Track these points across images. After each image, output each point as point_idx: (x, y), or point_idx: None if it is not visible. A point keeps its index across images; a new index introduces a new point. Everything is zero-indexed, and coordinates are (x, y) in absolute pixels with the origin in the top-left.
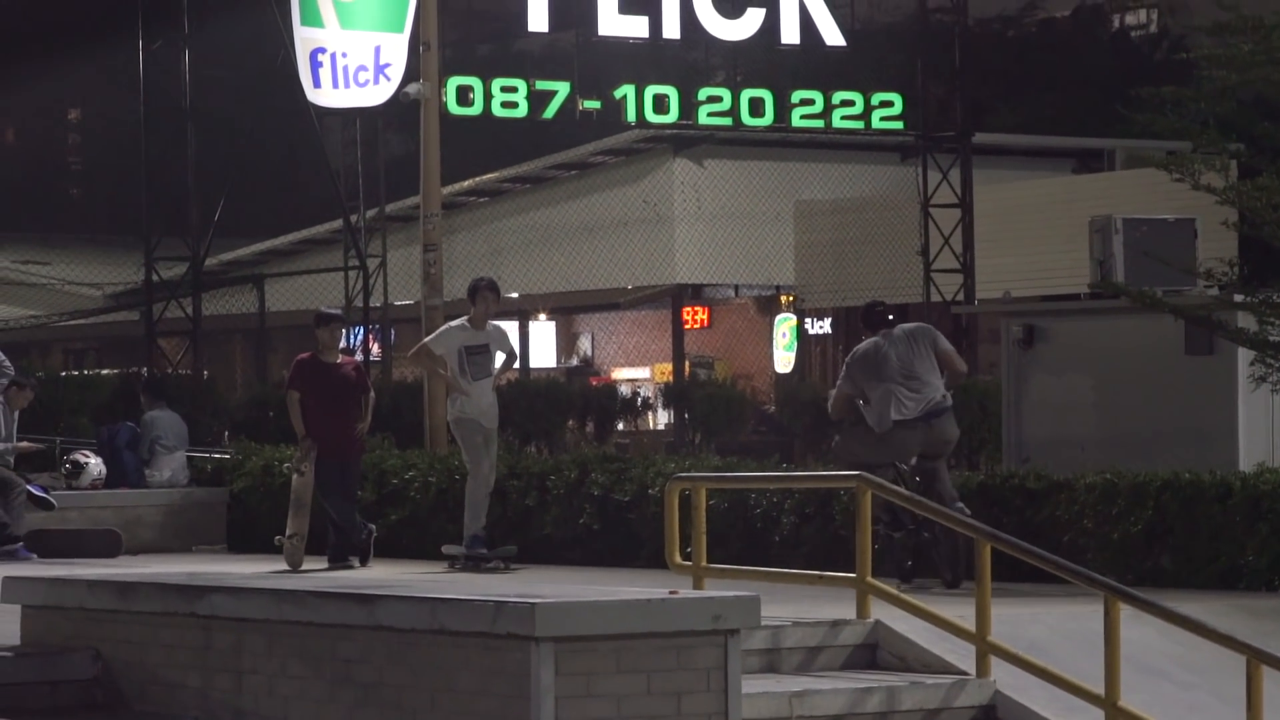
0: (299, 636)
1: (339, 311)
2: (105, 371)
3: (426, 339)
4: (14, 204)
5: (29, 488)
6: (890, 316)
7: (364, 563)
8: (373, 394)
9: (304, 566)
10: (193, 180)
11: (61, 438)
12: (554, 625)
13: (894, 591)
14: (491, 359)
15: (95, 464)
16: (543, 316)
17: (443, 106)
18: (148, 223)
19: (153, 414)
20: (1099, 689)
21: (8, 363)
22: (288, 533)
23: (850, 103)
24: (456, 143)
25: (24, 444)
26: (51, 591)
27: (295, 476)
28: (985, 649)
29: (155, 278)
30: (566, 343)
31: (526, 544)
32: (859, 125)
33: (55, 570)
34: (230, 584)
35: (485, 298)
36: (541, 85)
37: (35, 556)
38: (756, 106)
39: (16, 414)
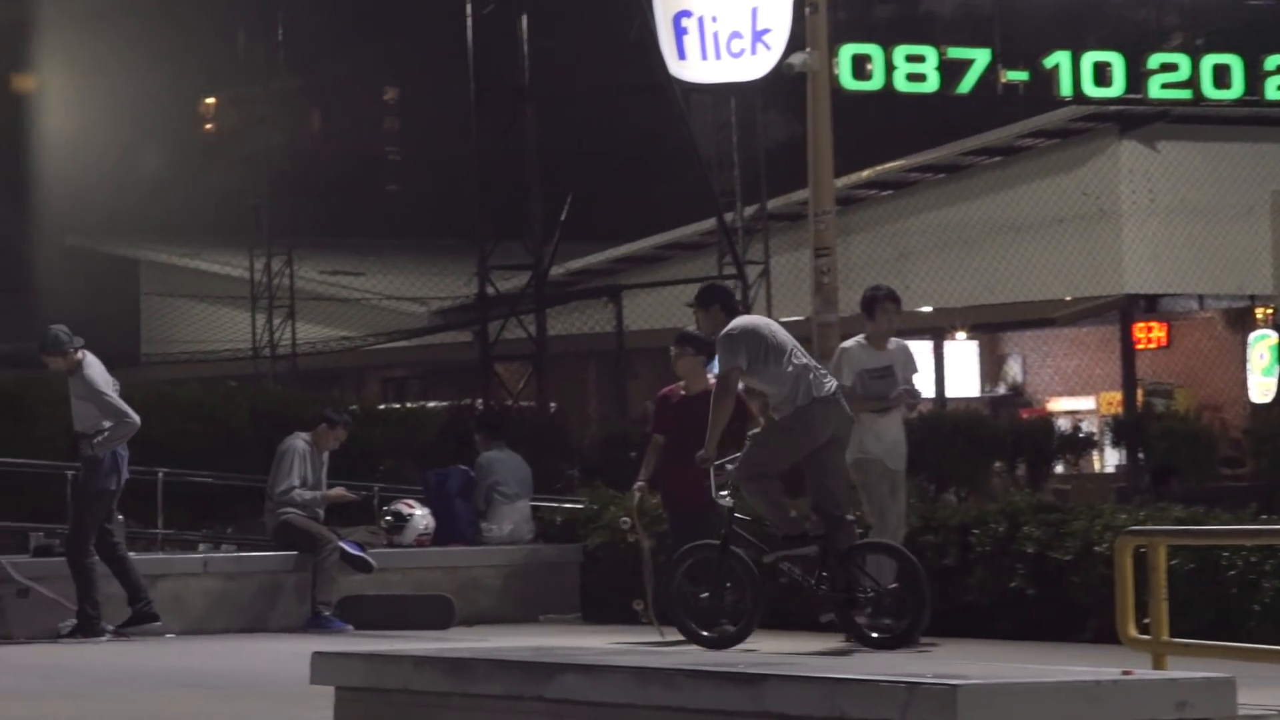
0: None
1: (706, 334)
2: (432, 404)
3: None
4: (322, 204)
5: (342, 545)
6: None
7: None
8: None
9: (670, 638)
10: (534, 173)
11: (381, 485)
12: (980, 712)
13: None
14: (895, 384)
15: (421, 516)
16: (961, 335)
17: (835, 80)
18: (480, 225)
19: (489, 455)
20: None
21: None
22: (650, 598)
23: None
24: (852, 125)
25: (335, 492)
26: (371, 671)
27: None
28: None
29: (491, 291)
30: (991, 366)
31: (943, 612)
32: None
33: (375, 645)
34: (585, 661)
35: (885, 309)
36: (954, 53)
37: (351, 628)
38: (1221, 75)
39: (326, 456)
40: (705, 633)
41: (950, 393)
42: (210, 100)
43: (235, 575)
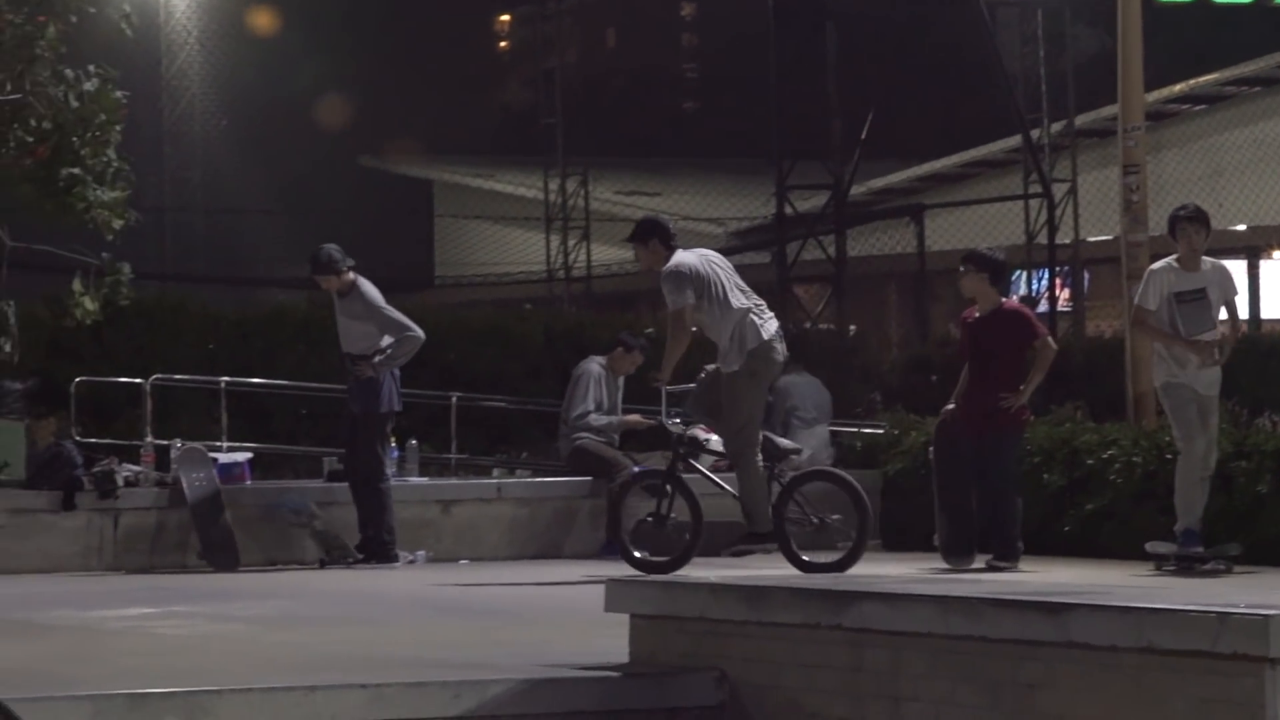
0: (970, 655)
1: (992, 253)
2: None
3: (1139, 299)
4: (616, 122)
5: (636, 470)
6: None
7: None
8: (1047, 344)
9: (970, 566)
10: (834, 90)
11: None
12: None
13: None
14: (1210, 308)
15: (716, 442)
16: (1277, 255)
17: None
18: (778, 143)
19: (787, 379)
20: None
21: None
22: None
23: None
24: (1166, 37)
25: (632, 417)
26: (666, 598)
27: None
28: None
29: (789, 210)
30: None
31: (1256, 541)
32: None
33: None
34: (884, 589)
35: (1186, 231)
36: None
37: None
38: None
39: (622, 381)
40: (637, 553)
41: (1266, 314)
42: (504, 18)
43: (529, 501)
